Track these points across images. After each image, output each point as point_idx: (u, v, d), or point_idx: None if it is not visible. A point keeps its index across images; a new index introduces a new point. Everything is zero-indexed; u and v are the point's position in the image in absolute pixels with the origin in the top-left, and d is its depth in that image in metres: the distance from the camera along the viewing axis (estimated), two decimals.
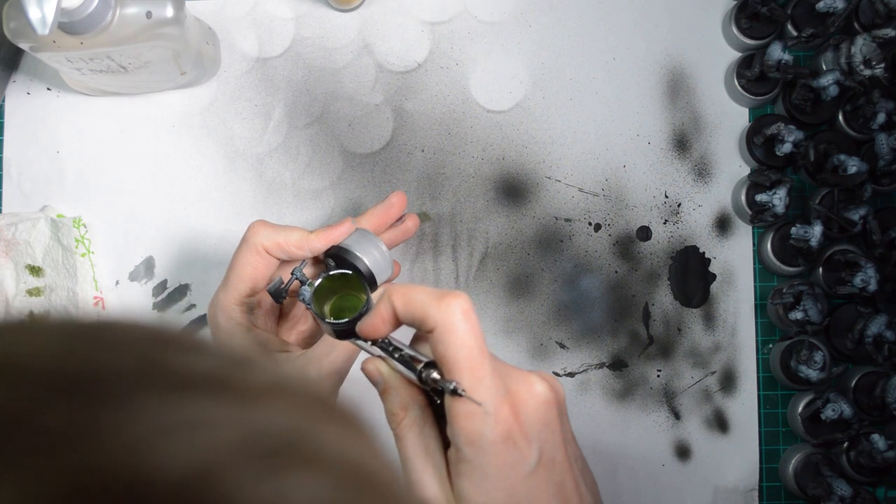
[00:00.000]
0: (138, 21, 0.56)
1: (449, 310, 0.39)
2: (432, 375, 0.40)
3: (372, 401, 0.68)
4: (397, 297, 0.41)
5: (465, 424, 0.39)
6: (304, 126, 0.68)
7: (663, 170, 0.68)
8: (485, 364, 0.39)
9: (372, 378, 0.44)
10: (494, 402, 0.39)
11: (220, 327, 0.55)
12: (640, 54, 0.69)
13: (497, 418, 0.38)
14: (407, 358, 0.43)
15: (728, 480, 0.66)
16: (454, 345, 0.39)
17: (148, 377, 0.21)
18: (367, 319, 0.42)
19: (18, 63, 0.69)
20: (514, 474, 0.39)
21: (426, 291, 0.40)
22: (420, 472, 0.41)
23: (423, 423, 0.42)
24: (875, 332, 0.62)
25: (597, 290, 0.67)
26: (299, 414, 0.23)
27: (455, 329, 0.39)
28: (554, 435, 0.41)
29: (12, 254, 0.66)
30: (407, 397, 0.42)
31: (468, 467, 0.39)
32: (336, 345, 0.53)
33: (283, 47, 0.69)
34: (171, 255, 0.68)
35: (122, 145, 0.68)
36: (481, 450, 0.39)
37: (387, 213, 0.59)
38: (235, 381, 0.22)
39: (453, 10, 0.69)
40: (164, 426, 0.19)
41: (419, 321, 0.40)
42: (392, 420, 0.43)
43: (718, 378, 0.67)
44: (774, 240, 0.65)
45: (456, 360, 0.39)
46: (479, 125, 0.68)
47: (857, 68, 0.63)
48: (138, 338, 0.23)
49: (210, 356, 0.23)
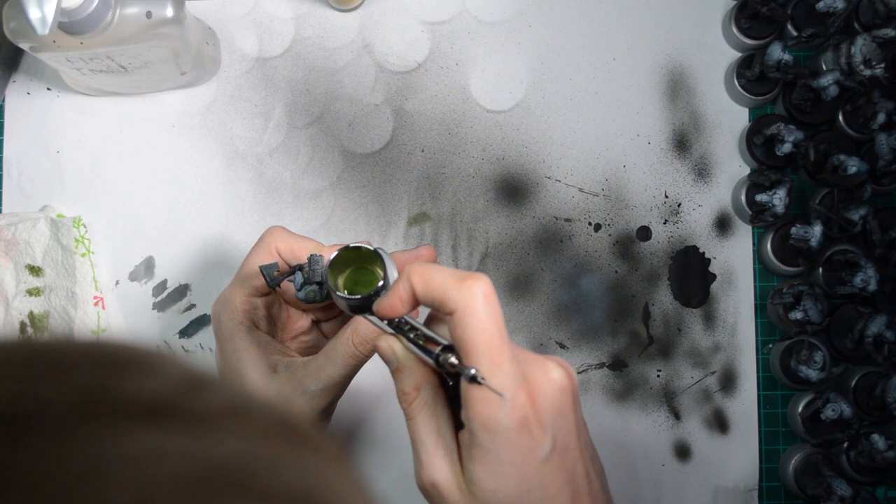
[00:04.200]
0: (138, 21, 0.56)
1: (470, 292, 0.38)
2: (450, 360, 0.40)
3: (370, 402, 0.68)
4: (417, 276, 0.40)
5: (481, 410, 0.38)
6: (304, 126, 0.68)
7: (663, 170, 0.68)
8: (504, 350, 0.38)
9: (384, 356, 0.43)
10: (512, 389, 0.38)
11: (222, 325, 0.55)
12: (640, 54, 0.69)
13: (514, 405, 0.38)
14: (423, 338, 0.41)
15: (728, 480, 0.66)
16: (474, 329, 0.38)
17: (89, 408, 0.20)
18: (385, 299, 0.42)
19: (18, 63, 0.69)
20: (528, 461, 0.39)
21: (447, 272, 0.39)
22: (431, 454, 0.41)
23: (435, 404, 0.42)
24: (875, 332, 0.62)
25: (597, 290, 0.67)
26: (255, 440, 0.21)
27: (476, 313, 0.38)
28: (567, 422, 0.40)
29: (12, 254, 0.66)
30: (420, 377, 0.42)
31: (482, 452, 0.39)
32: (335, 358, 0.52)
33: (283, 47, 0.69)
34: (171, 255, 0.68)
35: (122, 145, 0.68)
36: (496, 436, 0.38)
37: (409, 261, 0.57)
38: (186, 407, 0.21)
39: (453, 10, 0.69)
40: (104, 462, 0.18)
41: (438, 303, 0.39)
42: (403, 400, 0.42)
43: (718, 378, 0.67)
44: (774, 240, 0.65)
45: (476, 345, 0.38)
46: (479, 125, 0.68)
47: (857, 68, 0.63)
48: (83, 362, 0.22)
49: (161, 379, 0.22)
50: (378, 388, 0.66)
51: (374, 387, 0.66)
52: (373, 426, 0.67)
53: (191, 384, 0.22)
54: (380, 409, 0.67)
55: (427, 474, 0.41)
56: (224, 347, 0.55)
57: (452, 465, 0.41)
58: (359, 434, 0.67)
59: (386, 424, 0.67)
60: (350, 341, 0.52)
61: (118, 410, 0.20)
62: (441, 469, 0.41)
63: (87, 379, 0.21)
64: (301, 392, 0.52)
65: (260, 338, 0.55)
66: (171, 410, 0.21)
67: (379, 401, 0.67)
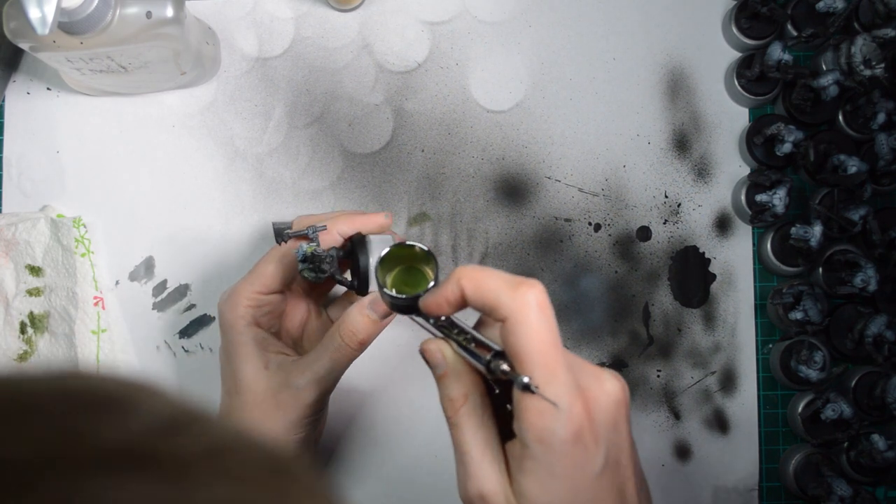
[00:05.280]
0: (138, 21, 0.56)
1: (524, 300, 0.37)
2: (502, 367, 0.38)
3: (371, 402, 0.68)
4: (467, 280, 0.39)
5: (535, 421, 0.37)
6: (304, 126, 0.68)
7: (663, 170, 0.68)
8: (559, 359, 0.37)
9: (432, 360, 0.41)
10: (568, 399, 0.37)
11: (224, 317, 0.56)
12: (640, 54, 0.69)
13: (570, 416, 0.37)
14: (472, 343, 0.40)
15: (728, 480, 0.66)
16: (528, 338, 0.37)
17: (55, 456, 0.18)
18: (431, 296, 0.40)
19: (18, 63, 0.69)
20: (582, 475, 0.38)
21: (501, 278, 0.38)
22: (478, 465, 0.39)
23: (483, 413, 0.40)
24: (875, 332, 0.62)
25: (597, 290, 0.67)
26: (237, 484, 0.20)
27: (529, 321, 0.37)
28: (620, 437, 0.39)
29: (12, 254, 0.66)
30: (469, 384, 0.40)
31: (534, 465, 0.38)
32: (322, 352, 0.53)
33: (283, 47, 0.69)
34: (171, 255, 0.68)
35: (122, 145, 0.68)
36: (551, 448, 0.37)
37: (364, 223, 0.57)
38: (163, 450, 0.20)
39: (453, 10, 0.69)
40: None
41: (490, 308, 0.38)
42: (449, 407, 0.40)
43: (718, 378, 0.67)
44: (774, 240, 0.65)
45: (529, 354, 0.37)
46: (479, 125, 0.68)
47: (857, 68, 0.63)
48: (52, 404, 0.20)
49: (140, 419, 0.21)
50: (380, 387, 0.66)
51: (374, 387, 0.66)
52: (371, 425, 0.67)
53: (171, 423, 0.21)
54: (379, 409, 0.67)
55: (475, 485, 0.39)
56: (223, 338, 0.56)
57: (501, 477, 0.39)
58: (357, 433, 0.67)
59: (385, 425, 0.67)
60: (337, 334, 0.52)
61: (89, 460, 0.18)
62: (490, 480, 0.39)
63: (54, 425, 0.19)
64: (288, 386, 0.53)
65: (258, 333, 0.56)
66: (149, 455, 0.19)
67: (379, 402, 0.67)
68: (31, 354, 0.66)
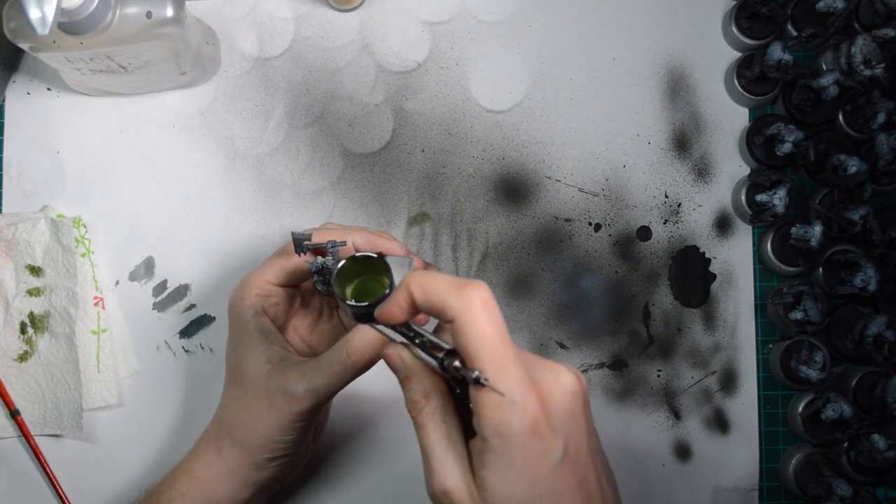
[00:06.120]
0: (138, 21, 0.56)
1: (469, 300, 0.38)
2: (454, 364, 0.40)
3: (372, 405, 0.68)
4: (415, 285, 0.40)
5: (491, 415, 0.38)
6: (304, 126, 0.68)
7: (663, 170, 0.68)
8: (508, 353, 0.38)
9: (393, 364, 0.43)
10: (521, 392, 0.38)
11: (233, 305, 0.57)
12: (640, 54, 0.69)
13: (524, 408, 0.38)
14: (428, 345, 0.42)
15: (728, 480, 0.66)
16: (475, 335, 0.38)
17: None
18: (384, 306, 0.42)
19: (18, 63, 0.69)
20: (540, 466, 0.39)
21: (445, 280, 0.40)
22: (441, 461, 0.41)
23: (445, 412, 0.42)
24: (875, 332, 0.62)
25: (597, 290, 0.67)
26: None
27: (475, 320, 0.38)
28: (579, 428, 0.40)
29: (12, 254, 0.66)
30: (429, 385, 0.42)
31: (494, 458, 0.39)
32: (324, 365, 0.53)
33: (283, 47, 0.69)
34: (171, 255, 0.68)
35: (122, 145, 0.68)
36: (508, 440, 0.38)
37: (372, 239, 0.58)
38: None
39: (453, 10, 0.69)
40: None
41: (438, 310, 0.40)
42: (413, 408, 0.42)
43: (718, 378, 0.67)
44: (774, 240, 0.65)
45: (478, 351, 0.38)
46: (479, 125, 0.68)
47: (857, 68, 0.63)
48: None
49: None
50: (379, 392, 0.66)
51: (375, 391, 0.66)
52: (374, 428, 0.67)
53: None
54: (381, 413, 0.67)
55: (438, 482, 0.41)
56: (231, 327, 0.57)
57: (464, 473, 0.40)
58: (359, 436, 0.67)
59: (387, 428, 0.67)
60: (343, 349, 0.52)
61: None
62: (453, 476, 0.40)
63: None
64: (285, 390, 0.53)
65: (264, 324, 0.56)
66: None
67: (380, 404, 0.67)
68: (31, 354, 0.66)
